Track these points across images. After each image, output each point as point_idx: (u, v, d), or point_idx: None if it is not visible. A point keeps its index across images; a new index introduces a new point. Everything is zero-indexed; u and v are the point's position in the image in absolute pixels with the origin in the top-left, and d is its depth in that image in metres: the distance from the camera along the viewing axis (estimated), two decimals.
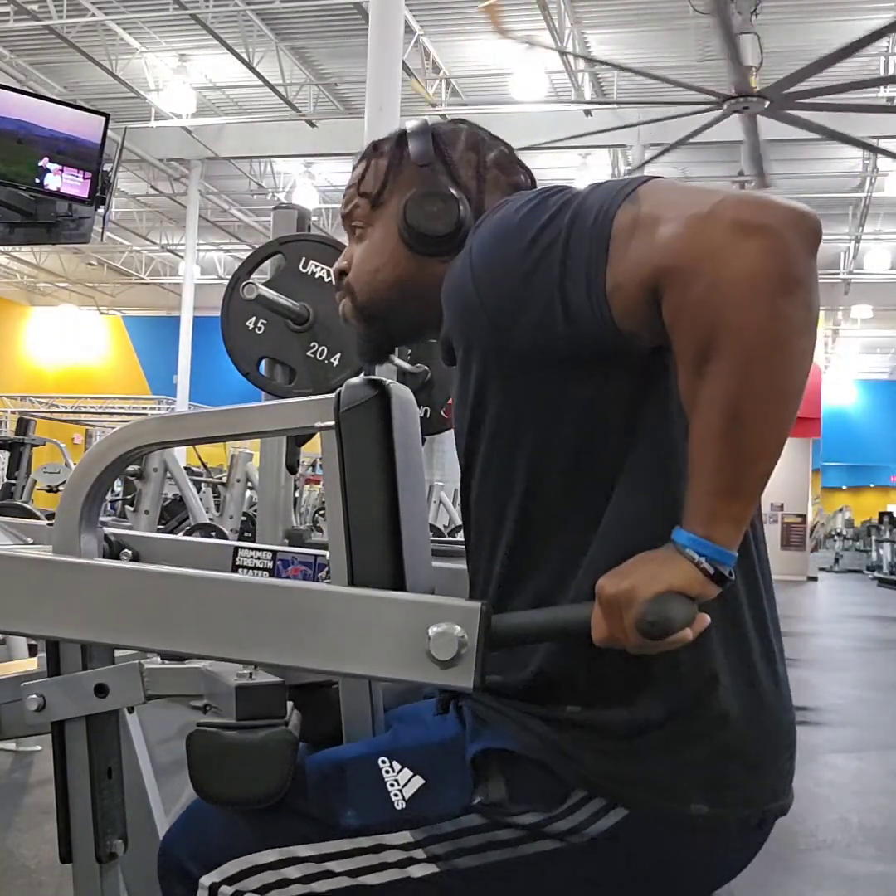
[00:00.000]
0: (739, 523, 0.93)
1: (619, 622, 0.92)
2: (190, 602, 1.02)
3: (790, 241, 0.87)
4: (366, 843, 1.04)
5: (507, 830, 1.02)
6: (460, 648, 0.94)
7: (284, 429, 1.26)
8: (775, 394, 0.89)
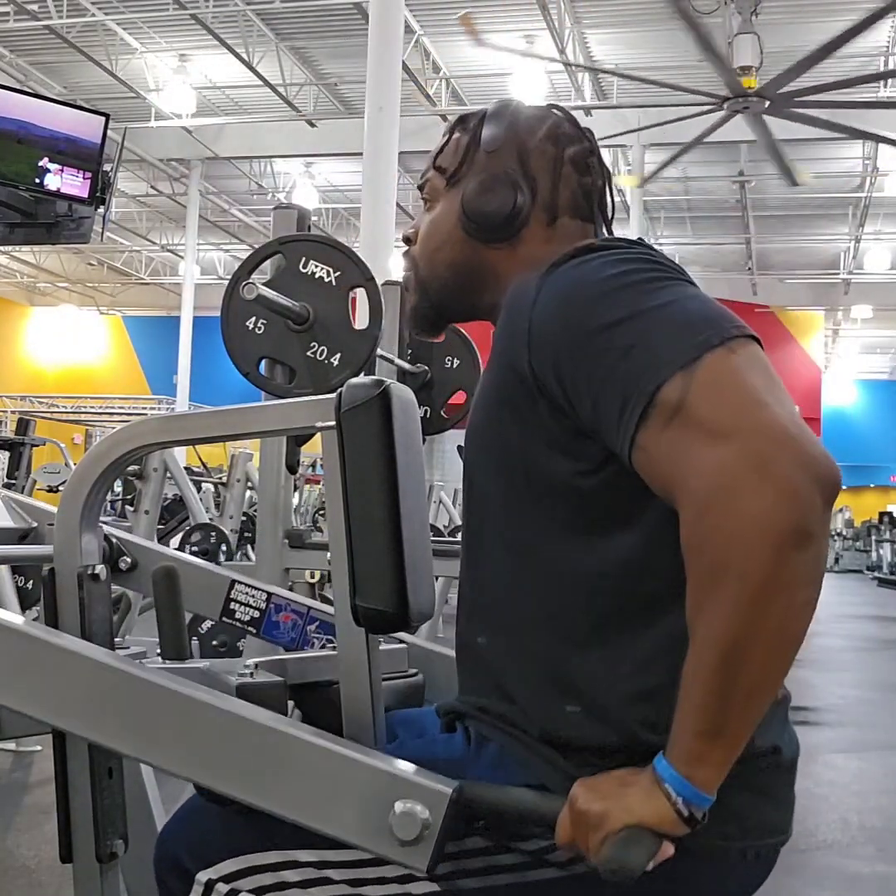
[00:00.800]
0: (721, 768, 0.91)
1: (584, 836, 0.92)
2: (164, 716, 1.02)
3: (808, 494, 0.85)
4: (367, 854, 1.03)
5: (511, 855, 1.02)
6: (422, 830, 0.93)
7: (284, 429, 1.26)
8: (772, 642, 0.87)
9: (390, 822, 0.94)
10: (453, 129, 1.23)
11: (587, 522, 1.03)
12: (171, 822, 1.17)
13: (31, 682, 1.06)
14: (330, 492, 1.09)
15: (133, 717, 1.03)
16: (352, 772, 0.98)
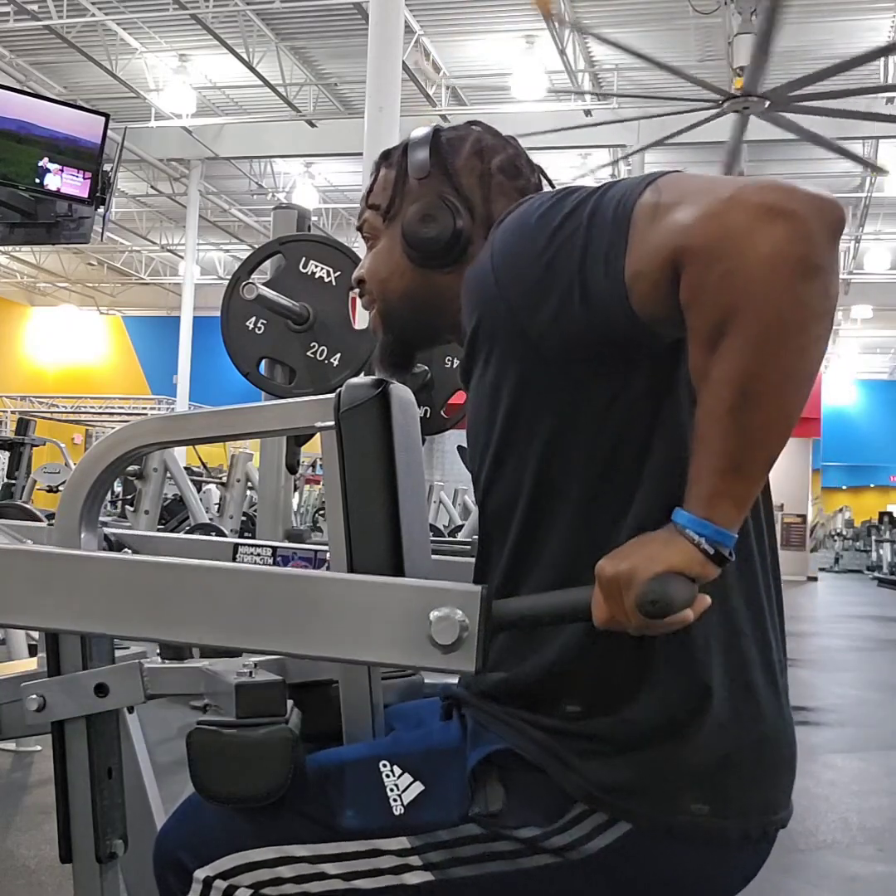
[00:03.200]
0: (741, 504, 0.93)
1: (620, 603, 0.92)
2: (189, 591, 1.02)
3: (813, 227, 0.87)
4: (361, 846, 1.04)
5: (505, 842, 1.02)
6: (462, 633, 0.93)
7: (284, 429, 1.26)
8: (788, 376, 0.89)
9: (429, 632, 0.94)
10: (379, 166, 1.24)
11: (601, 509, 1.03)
12: (169, 820, 1.17)
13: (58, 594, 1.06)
14: (330, 492, 1.09)
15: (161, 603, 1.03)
16: (382, 596, 0.98)
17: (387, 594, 0.98)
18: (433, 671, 0.97)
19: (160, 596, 1.02)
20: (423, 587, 0.97)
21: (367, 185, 1.25)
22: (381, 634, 0.97)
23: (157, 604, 1.02)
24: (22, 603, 1.06)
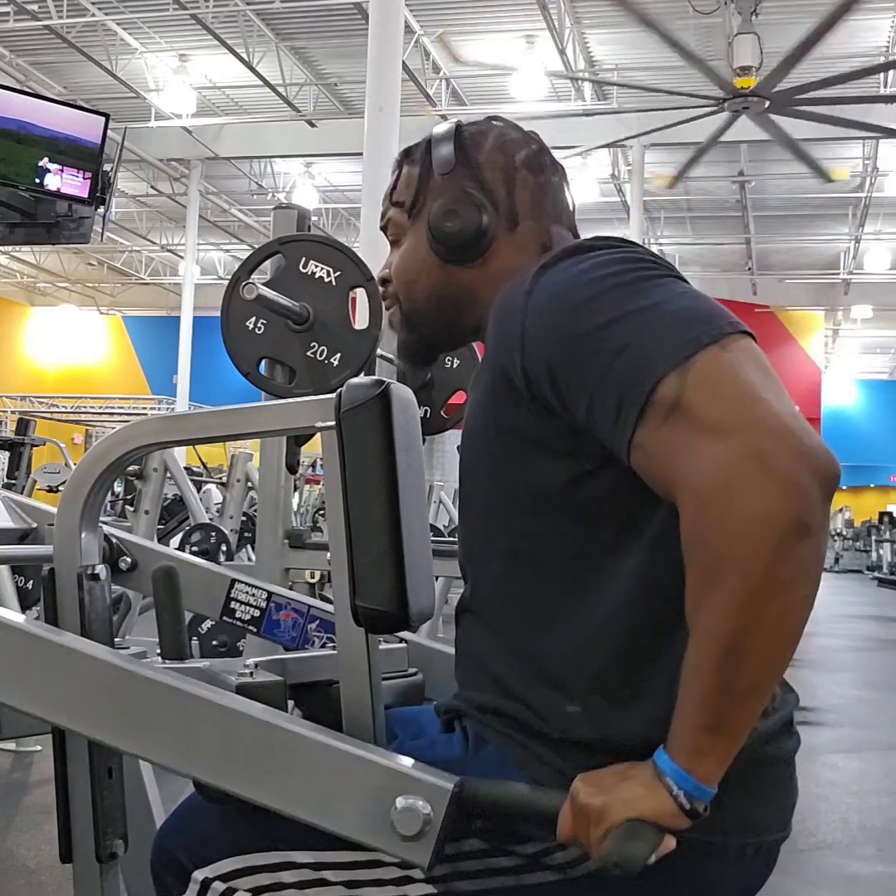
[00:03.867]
0: (723, 761, 0.91)
1: (586, 831, 0.92)
2: (165, 717, 1.02)
3: (808, 487, 0.86)
4: (364, 856, 1.03)
5: (508, 858, 1.02)
6: (424, 826, 0.93)
7: (284, 429, 1.26)
8: (772, 635, 0.88)
9: (392, 817, 0.94)
10: (401, 163, 1.24)
11: (590, 535, 1.03)
12: (169, 820, 1.17)
13: (32, 680, 1.06)
14: (330, 492, 1.09)
15: (134, 714, 1.03)
16: (353, 768, 0.98)
17: (358, 768, 0.98)
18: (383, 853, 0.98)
19: (133, 709, 1.03)
20: (396, 770, 0.97)
21: (390, 183, 1.24)
22: (343, 806, 0.97)
23: (129, 717, 1.03)
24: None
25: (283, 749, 0.99)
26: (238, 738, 1.01)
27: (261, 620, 1.56)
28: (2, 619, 1.08)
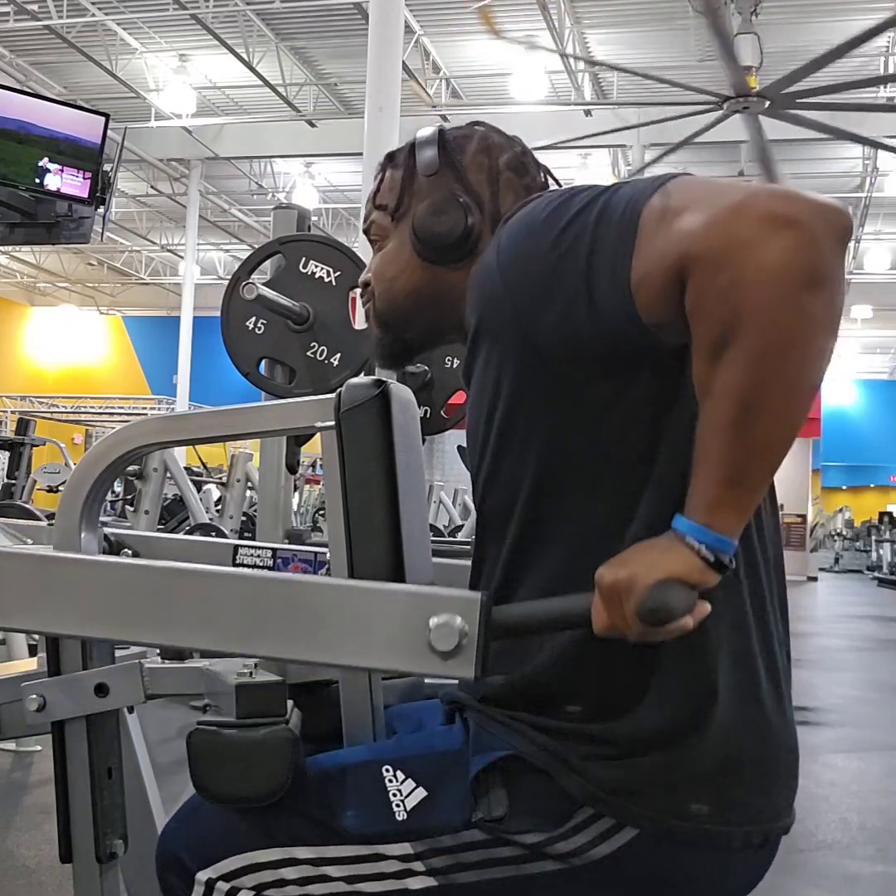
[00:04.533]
0: (742, 513, 0.92)
1: (620, 610, 0.92)
2: (188, 596, 1.02)
3: (820, 236, 0.86)
4: (364, 850, 1.03)
5: (509, 848, 1.02)
6: (461, 639, 0.93)
7: (284, 429, 1.26)
8: (790, 388, 0.88)
9: (428, 639, 0.94)
10: (384, 167, 1.24)
11: (596, 517, 1.03)
12: (171, 821, 1.17)
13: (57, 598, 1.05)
14: (330, 492, 1.09)
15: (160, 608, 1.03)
16: (382, 602, 0.98)
17: (386, 600, 0.97)
18: (432, 677, 0.97)
19: (160, 601, 1.02)
20: (423, 593, 0.97)
21: (373, 186, 1.25)
22: (380, 640, 0.96)
23: (157, 608, 1.02)
24: (21, 606, 1.06)
25: (311, 603, 0.99)
26: (264, 603, 1.00)
27: None
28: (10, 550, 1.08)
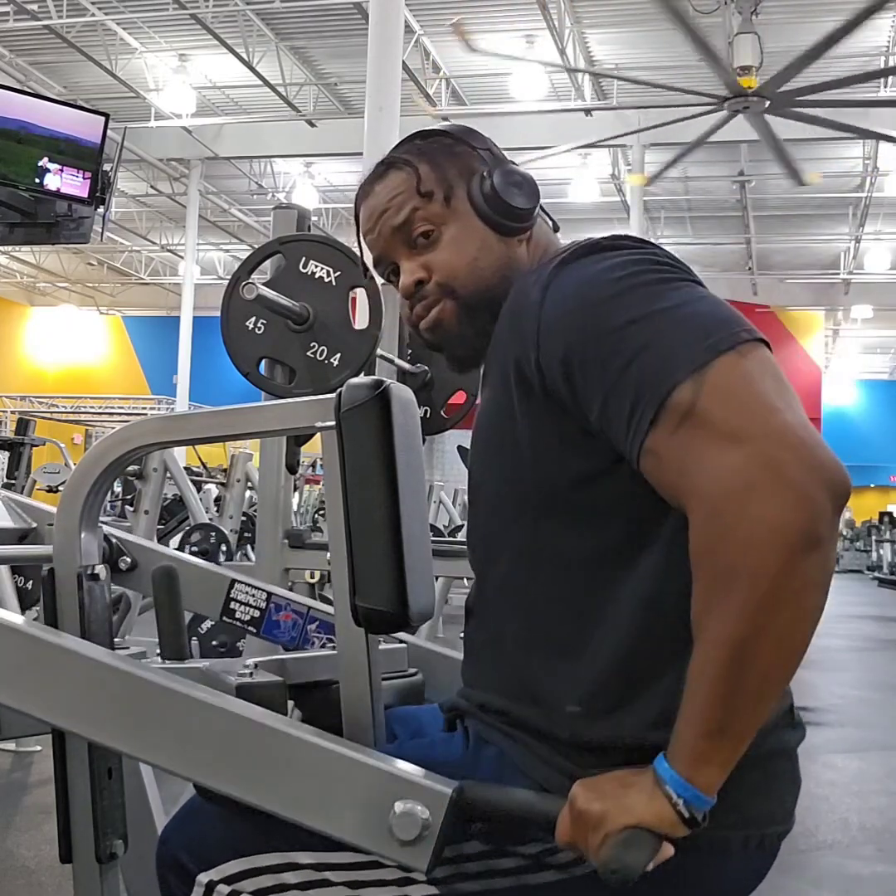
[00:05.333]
0: (724, 767, 0.91)
1: (584, 836, 0.92)
2: (162, 717, 1.02)
3: (819, 498, 0.86)
4: (366, 857, 1.03)
5: (510, 859, 1.02)
6: (422, 831, 0.93)
7: (284, 429, 1.26)
8: (780, 643, 0.89)
9: (390, 822, 0.94)
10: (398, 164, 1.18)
11: (599, 538, 1.03)
12: (172, 822, 1.17)
13: (31, 681, 1.06)
14: (330, 492, 1.08)
15: (133, 716, 1.03)
16: (352, 772, 0.98)
17: (357, 772, 0.97)
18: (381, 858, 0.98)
19: (132, 711, 1.03)
20: (396, 774, 0.97)
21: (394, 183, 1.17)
22: (341, 810, 0.97)
23: (128, 718, 1.03)
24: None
25: (281, 752, 0.99)
26: (236, 741, 1.01)
27: (261, 621, 1.56)
28: (1, 620, 1.08)
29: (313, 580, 2.90)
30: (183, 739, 1.02)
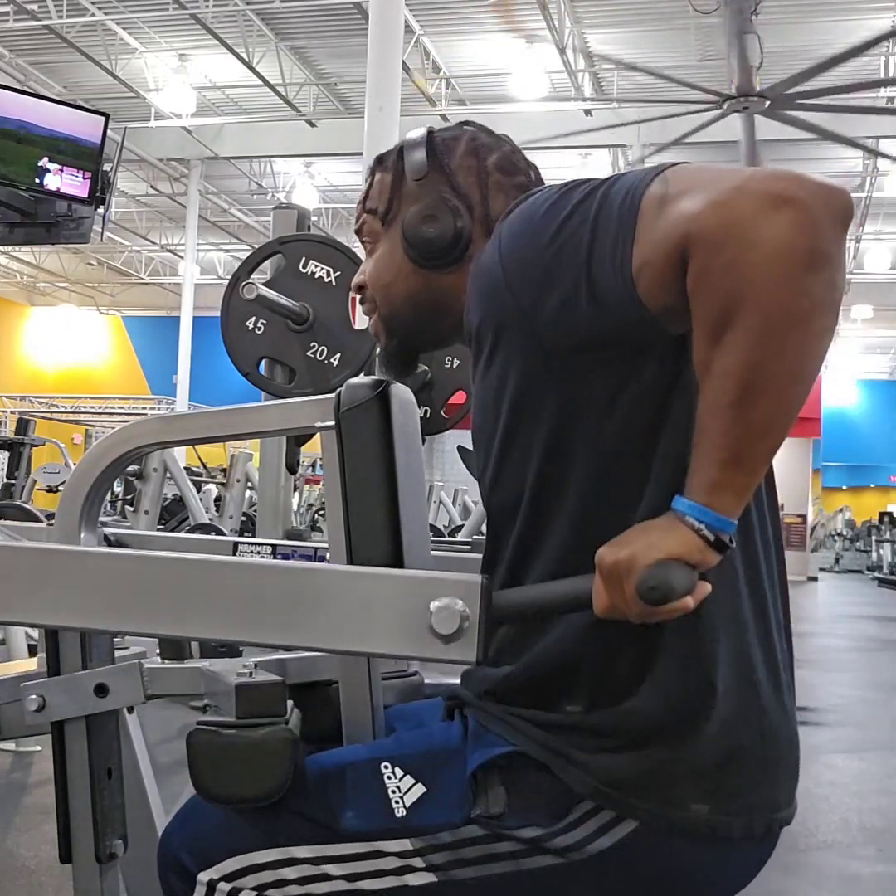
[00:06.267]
0: (741, 494, 0.93)
1: (620, 591, 0.92)
2: (187, 585, 1.01)
3: (820, 215, 0.86)
4: (364, 848, 1.04)
5: (508, 843, 1.02)
6: (462, 622, 0.93)
7: (284, 429, 1.26)
8: (791, 368, 0.88)
9: (429, 622, 0.94)
10: (374, 170, 1.24)
11: (598, 500, 1.03)
12: (172, 822, 1.17)
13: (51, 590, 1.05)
14: (330, 492, 1.09)
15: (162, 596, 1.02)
16: (383, 587, 0.97)
17: (387, 585, 0.97)
18: (434, 661, 0.97)
19: (159, 590, 1.02)
20: (423, 577, 0.97)
21: (363, 189, 1.25)
22: (381, 625, 0.96)
23: (156, 598, 1.02)
24: (21, 599, 1.06)
25: (311, 589, 0.99)
26: (266, 590, 1.00)
27: None
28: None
29: None
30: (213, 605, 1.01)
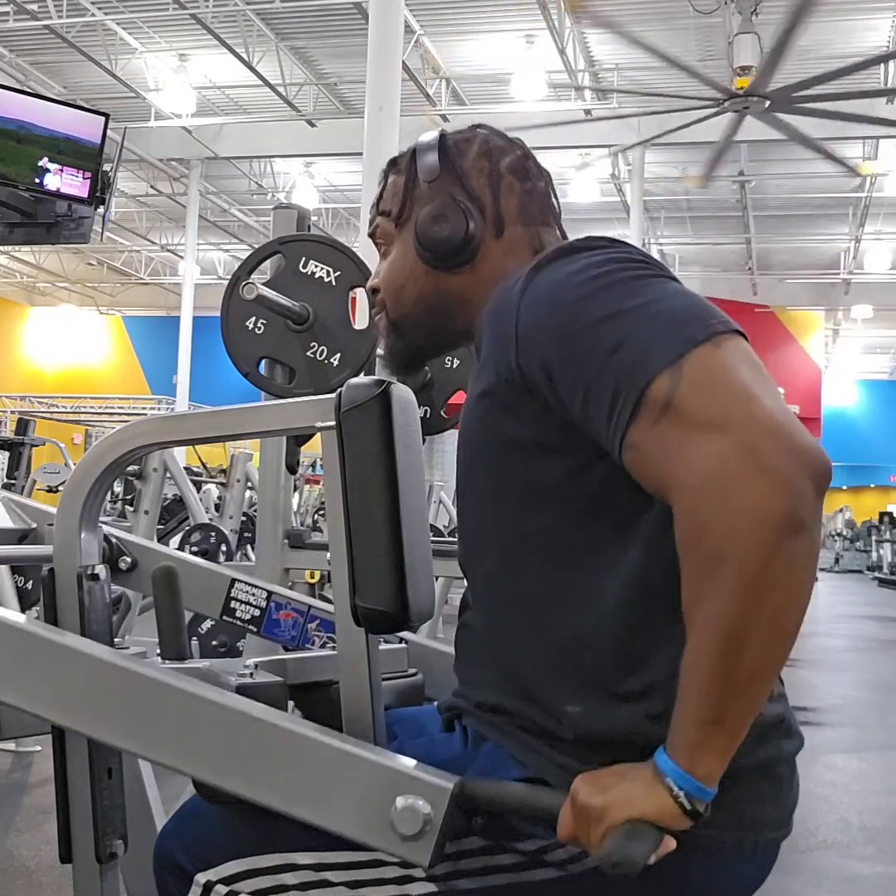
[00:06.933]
0: (724, 756, 0.91)
1: (586, 831, 0.92)
2: (162, 713, 1.02)
3: (799, 482, 0.86)
4: (365, 856, 1.03)
5: (508, 855, 1.02)
6: (424, 826, 0.93)
7: (284, 429, 1.26)
8: (771, 627, 0.88)
9: (392, 817, 0.94)
10: (387, 173, 1.25)
11: (586, 531, 1.04)
12: (170, 822, 1.17)
13: (32, 678, 1.06)
14: (330, 492, 1.08)
15: (133, 713, 1.03)
16: (353, 767, 0.98)
17: (358, 768, 0.97)
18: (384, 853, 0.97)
19: (134, 708, 1.03)
20: (396, 770, 0.97)
21: (377, 192, 1.26)
22: (343, 805, 0.97)
23: (129, 716, 1.03)
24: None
25: (282, 749, 0.99)
26: (238, 737, 1.01)
27: (261, 620, 1.57)
28: (2, 618, 1.08)
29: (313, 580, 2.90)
30: (184, 736, 1.02)
